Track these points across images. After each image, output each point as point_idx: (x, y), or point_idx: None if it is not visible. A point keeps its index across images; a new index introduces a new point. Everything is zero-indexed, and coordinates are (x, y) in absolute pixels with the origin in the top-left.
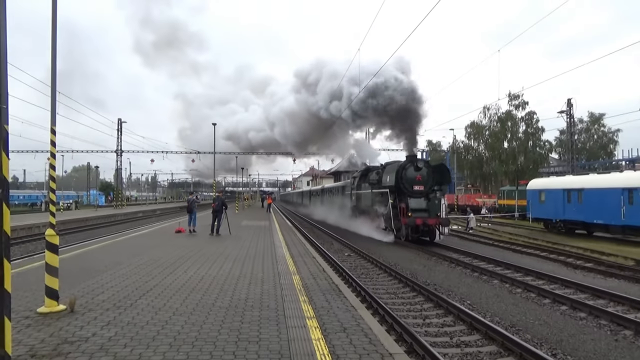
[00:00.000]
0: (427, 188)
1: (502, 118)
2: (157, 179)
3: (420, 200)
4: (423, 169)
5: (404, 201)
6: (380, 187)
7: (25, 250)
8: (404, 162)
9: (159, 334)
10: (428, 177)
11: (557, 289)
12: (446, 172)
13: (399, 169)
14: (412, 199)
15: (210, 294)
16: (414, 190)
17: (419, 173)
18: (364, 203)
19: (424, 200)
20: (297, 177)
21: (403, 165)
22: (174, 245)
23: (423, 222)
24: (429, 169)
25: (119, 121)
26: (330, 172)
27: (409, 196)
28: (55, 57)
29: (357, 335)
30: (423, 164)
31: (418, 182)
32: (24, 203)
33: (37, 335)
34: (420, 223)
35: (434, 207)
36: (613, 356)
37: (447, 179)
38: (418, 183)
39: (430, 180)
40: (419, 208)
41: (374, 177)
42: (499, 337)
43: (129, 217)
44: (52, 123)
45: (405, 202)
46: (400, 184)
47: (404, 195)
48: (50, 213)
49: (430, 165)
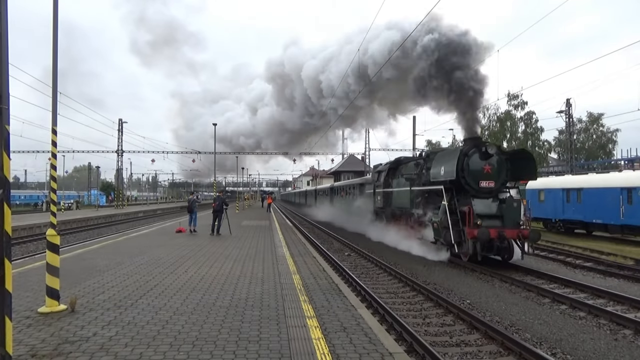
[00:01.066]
0: (499, 184)
1: (501, 118)
2: (157, 179)
3: (488, 202)
4: (494, 157)
5: (466, 203)
6: (424, 183)
7: (26, 250)
8: (464, 147)
9: (159, 334)
10: (500, 168)
11: (557, 288)
12: (529, 161)
13: (460, 156)
14: (478, 200)
15: (210, 294)
16: (480, 188)
17: (487, 162)
18: (396, 205)
19: (494, 201)
20: (297, 177)
21: (465, 151)
22: (174, 245)
23: (499, 235)
24: (502, 156)
25: (120, 121)
26: (330, 172)
27: (472, 196)
28: (56, 58)
29: (357, 335)
30: (494, 149)
31: (487, 175)
32: (25, 203)
33: (37, 335)
34: (495, 236)
35: (510, 212)
36: (612, 355)
37: (530, 172)
38: (487, 177)
39: (504, 172)
40: (488, 213)
41: (411, 169)
42: (498, 336)
43: (130, 217)
44: (53, 123)
45: (468, 205)
46: (461, 178)
47: (465, 195)
48: (51, 213)
49: (503, 151)
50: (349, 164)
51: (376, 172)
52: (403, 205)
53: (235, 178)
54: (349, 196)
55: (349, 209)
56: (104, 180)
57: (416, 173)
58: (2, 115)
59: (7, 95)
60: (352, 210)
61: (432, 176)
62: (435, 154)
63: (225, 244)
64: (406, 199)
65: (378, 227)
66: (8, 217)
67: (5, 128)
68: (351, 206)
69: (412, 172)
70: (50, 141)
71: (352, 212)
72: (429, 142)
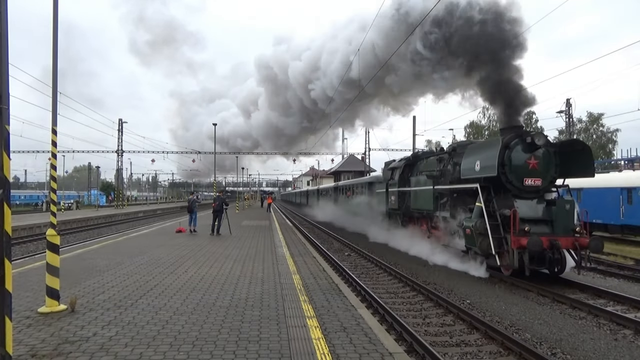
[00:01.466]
0: (546, 182)
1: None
2: (157, 179)
3: (532, 203)
4: (541, 150)
5: (507, 204)
6: (452, 181)
7: (26, 250)
8: (505, 138)
9: (159, 334)
10: (548, 162)
11: (557, 288)
12: (584, 154)
13: (502, 148)
14: (521, 202)
15: (210, 294)
16: (524, 186)
17: (532, 155)
18: (414, 206)
19: (539, 203)
20: (297, 177)
21: (506, 142)
22: (174, 245)
23: (551, 244)
24: (551, 149)
25: (120, 121)
26: (330, 172)
27: (514, 196)
28: (56, 58)
29: (357, 335)
30: (543, 140)
31: (532, 171)
32: (25, 203)
33: (37, 335)
34: (547, 246)
35: (562, 216)
36: (612, 355)
37: (584, 167)
38: (532, 173)
39: (552, 168)
40: (533, 217)
41: (432, 165)
42: (498, 336)
43: (130, 217)
44: (53, 123)
45: (511, 207)
46: (502, 175)
47: (504, 195)
48: (51, 213)
49: (552, 142)
50: (349, 164)
51: (389, 169)
52: (423, 207)
53: (235, 178)
54: (357, 196)
55: (357, 210)
56: (104, 180)
57: (439, 170)
58: (2, 115)
59: (7, 95)
60: (360, 211)
61: (464, 173)
62: (465, 146)
63: (225, 244)
64: (428, 200)
65: (391, 230)
66: (8, 217)
67: (5, 128)
68: (359, 207)
69: (434, 168)
70: (50, 141)
71: (360, 213)
72: (428, 142)
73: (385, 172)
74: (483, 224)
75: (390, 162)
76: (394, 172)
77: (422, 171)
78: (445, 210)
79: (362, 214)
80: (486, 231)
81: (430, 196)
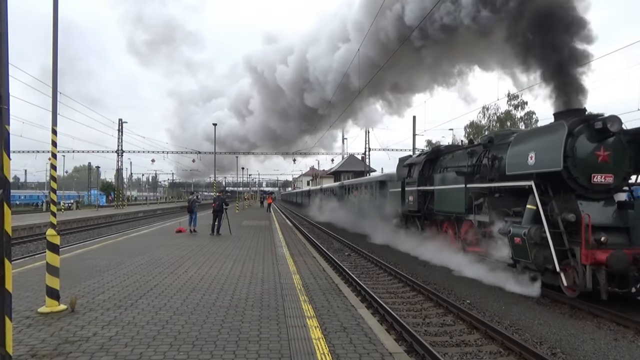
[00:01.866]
0: (619, 179)
1: (501, 118)
2: (157, 179)
3: (599, 205)
4: (611, 139)
5: (569, 207)
6: (492, 179)
7: (26, 250)
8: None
9: (159, 334)
10: (622, 154)
11: None
12: None
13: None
14: (588, 204)
15: (210, 294)
16: (592, 185)
17: (602, 145)
18: (439, 208)
19: (608, 205)
20: (297, 177)
21: (570, 129)
22: (174, 245)
23: (634, 259)
24: (624, 137)
25: (120, 121)
26: (330, 172)
27: (578, 196)
28: (56, 59)
29: (357, 335)
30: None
31: (603, 165)
32: (25, 203)
33: (37, 335)
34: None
35: None
36: (612, 355)
37: None
38: (602, 168)
39: (626, 161)
40: (605, 224)
41: (461, 160)
42: (498, 336)
43: (130, 217)
44: (53, 123)
45: (574, 210)
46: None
47: (566, 196)
48: (51, 213)
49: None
50: (349, 164)
51: (406, 165)
52: (452, 209)
53: (235, 178)
54: (366, 196)
55: (366, 212)
56: (104, 180)
57: (472, 165)
58: (2, 115)
59: (7, 95)
60: (369, 212)
61: (510, 167)
62: (505, 136)
63: (225, 244)
64: (458, 200)
65: (409, 235)
66: (8, 217)
67: (5, 128)
68: (368, 208)
69: (464, 163)
70: (50, 141)
71: (370, 215)
72: (428, 142)
73: (401, 169)
74: (539, 232)
75: (405, 158)
76: (412, 169)
77: (448, 167)
78: (482, 213)
79: (372, 215)
80: (544, 241)
81: (462, 196)
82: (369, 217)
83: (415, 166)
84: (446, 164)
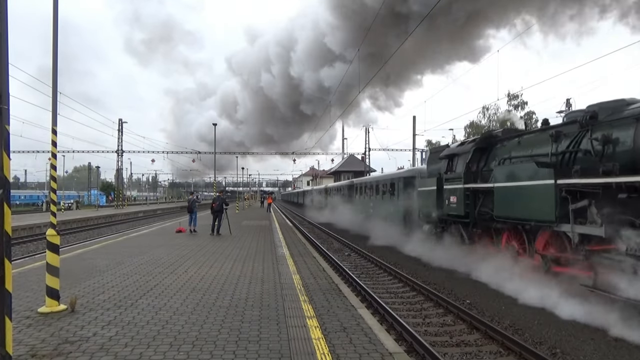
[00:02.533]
0: None
1: (501, 118)
2: (157, 179)
3: None
4: None
5: None
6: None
7: (26, 250)
8: None
9: (159, 334)
10: None
11: None
12: None
13: None
14: None
15: (210, 294)
16: None
17: None
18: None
19: None
20: (297, 177)
21: None
22: (174, 245)
23: None
24: None
25: (120, 121)
26: (330, 172)
27: None
28: (56, 59)
29: (357, 335)
30: None
31: None
32: (25, 203)
33: (37, 335)
34: None
35: None
36: (613, 356)
37: None
38: None
39: None
40: None
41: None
42: (498, 336)
43: (130, 217)
44: (53, 123)
45: None
46: None
47: None
48: (51, 213)
49: None
50: (349, 164)
51: (445, 157)
52: (529, 215)
53: (235, 178)
54: (384, 196)
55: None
56: (104, 180)
57: (559, 152)
58: (2, 115)
59: (7, 95)
60: (389, 216)
61: None
62: (616, 109)
63: (225, 244)
64: (542, 203)
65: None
66: (8, 217)
67: (5, 128)
68: (388, 211)
69: (543, 150)
70: (50, 141)
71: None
72: (428, 142)
73: (434, 163)
74: None
75: (439, 149)
76: (452, 161)
77: (513, 157)
78: (588, 223)
79: (392, 220)
80: None
81: (550, 197)
82: (388, 222)
83: (458, 157)
84: (509, 153)
